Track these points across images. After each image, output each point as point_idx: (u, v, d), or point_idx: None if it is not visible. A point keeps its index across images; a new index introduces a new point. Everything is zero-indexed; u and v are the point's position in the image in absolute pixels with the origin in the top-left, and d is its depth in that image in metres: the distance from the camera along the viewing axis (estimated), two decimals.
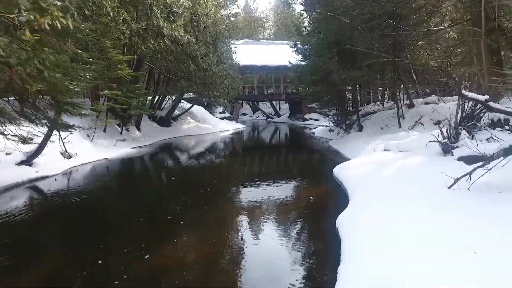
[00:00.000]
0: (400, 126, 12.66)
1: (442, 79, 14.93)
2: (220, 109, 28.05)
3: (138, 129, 18.18)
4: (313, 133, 20.28)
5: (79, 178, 8.64)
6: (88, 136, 12.56)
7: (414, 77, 14.36)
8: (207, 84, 16.78)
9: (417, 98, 14.35)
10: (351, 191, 6.09)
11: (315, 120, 30.26)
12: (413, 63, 10.57)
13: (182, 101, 24.50)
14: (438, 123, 11.72)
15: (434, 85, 14.44)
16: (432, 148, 8.09)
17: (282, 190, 7.04)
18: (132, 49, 14.57)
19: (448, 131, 7.73)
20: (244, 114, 49.64)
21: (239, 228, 4.94)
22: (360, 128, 14.15)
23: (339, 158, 10.83)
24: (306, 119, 31.17)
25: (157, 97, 20.71)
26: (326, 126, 20.73)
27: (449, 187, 4.97)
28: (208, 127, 22.94)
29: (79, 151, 10.81)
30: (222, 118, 27.56)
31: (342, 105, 16.81)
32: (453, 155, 7.33)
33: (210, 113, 26.62)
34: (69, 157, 10.17)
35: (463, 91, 5.43)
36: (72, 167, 9.63)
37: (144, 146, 14.91)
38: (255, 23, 49.53)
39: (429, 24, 12.12)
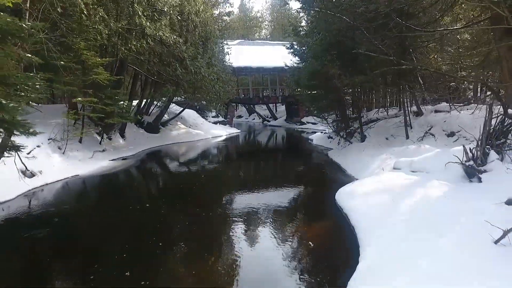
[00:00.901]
0: (407, 137, 11.43)
1: (451, 85, 13.70)
2: (213, 112, 26.70)
3: (123, 136, 16.81)
4: (311, 140, 19.04)
5: (33, 205, 7.29)
6: (59, 148, 11.19)
7: (421, 82, 13.13)
8: (196, 88, 15.44)
9: (424, 105, 13.13)
10: (361, 235, 4.80)
11: (313, 124, 29.02)
12: (426, 68, 9.31)
13: (173, 105, 23.17)
14: (451, 134, 10.50)
15: (442, 91, 13.19)
16: (453, 171, 6.83)
17: (274, 227, 5.74)
18: (113, 50, 13.23)
19: (474, 150, 6.48)
20: (240, 116, 48.42)
21: None
22: (363, 138, 12.90)
23: (342, 175, 9.56)
24: (303, 123, 29.97)
25: (144, 102, 19.33)
26: (324, 132, 19.48)
27: (496, 242, 3.70)
28: (199, 133, 21.60)
29: (45, 168, 9.46)
30: (215, 123, 26.22)
31: (342, 111, 15.55)
32: (481, 181, 6.09)
33: (202, 117, 25.26)
34: (32, 175, 8.81)
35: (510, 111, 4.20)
36: (32, 188, 8.27)
37: (126, 158, 13.55)
38: (251, 23, 48.06)
39: (440, 24, 10.87)
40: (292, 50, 17.18)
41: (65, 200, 7.81)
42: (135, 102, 18.90)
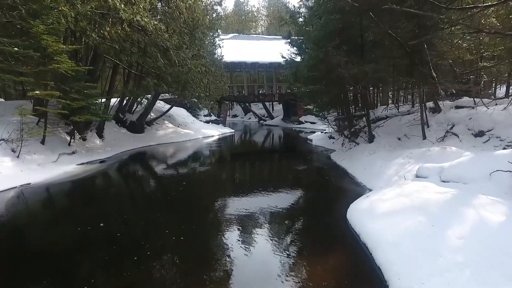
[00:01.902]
0: (424, 137, 9.78)
1: (470, 77, 12.06)
2: (205, 111, 24.94)
3: (101, 137, 15.07)
4: (310, 140, 17.36)
5: None
6: (13, 151, 9.42)
7: (434, 75, 11.50)
8: (182, 82, 13.68)
9: (441, 100, 11.46)
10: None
11: (312, 123, 27.47)
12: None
13: (160, 102, 21.47)
14: (480, 134, 8.83)
15: (461, 82, 11.54)
16: (503, 182, 5.22)
17: (265, 266, 4.05)
18: (83, 37, 11.48)
19: None
20: (235, 116, 46.88)
21: None
22: (371, 138, 11.23)
23: (350, 184, 7.88)
24: (301, 122, 28.37)
25: (127, 99, 17.57)
26: (324, 132, 17.83)
27: None
28: (189, 132, 19.86)
29: None
30: (207, 122, 24.46)
31: (346, 107, 13.90)
32: None
33: (193, 116, 23.50)
34: None
35: None
36: None
37: (100, 161, 11.80)
38: (246, 17, 46.04)
39: (462, 2, 9.23)
40: (289, 40, 15.47)
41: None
42: (114, 100, 17.16)
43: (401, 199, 5.24)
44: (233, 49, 25.93)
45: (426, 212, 4.51)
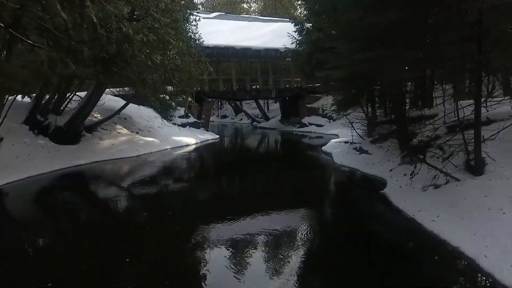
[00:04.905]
0: None
1: None
2: (181, 111, 19.02)
3: None
4: (329, 154, 11.46)
5: None
6: None
7: None
8: (116, 62, 7.78)
9: None
10: None
11: (318, 125, 21.70)
12: None
13: (115, 98, 15.51)
14: None
15: None
16: None
17: None
18: None
19: None
20: (225, 116, 41.06)
21: None
22: (478, 166, 5.48)
23: None
24: (304, 124, 22.59)
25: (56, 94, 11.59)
26: (351, 142, 11.74)
27: None
28: (151, 142, 13.89)
29: None
30: (183, 125, 18.48)
31: (397, 102, 8.22)
32: None
33: (164, 118, 17.40)
34: None
35: None
36: None
37: None
38: None
39: None
40: None
41: None
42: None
43: None
44: (217, 31, 20.18)
45: None
